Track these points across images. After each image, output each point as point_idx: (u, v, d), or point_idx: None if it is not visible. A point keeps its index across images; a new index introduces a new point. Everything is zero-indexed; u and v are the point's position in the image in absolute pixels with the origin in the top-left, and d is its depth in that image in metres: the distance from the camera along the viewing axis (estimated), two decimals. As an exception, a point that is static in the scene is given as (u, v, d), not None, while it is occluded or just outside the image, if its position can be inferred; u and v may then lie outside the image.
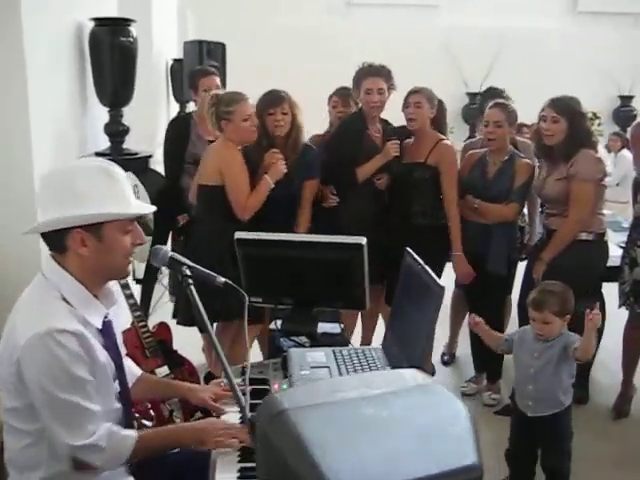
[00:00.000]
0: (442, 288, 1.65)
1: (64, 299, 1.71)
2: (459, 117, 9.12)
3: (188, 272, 1.74)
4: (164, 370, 3.32)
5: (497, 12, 9.01)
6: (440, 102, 3.84)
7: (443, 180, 3.67)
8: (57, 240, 1.72)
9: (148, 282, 4.47)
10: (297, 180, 3.52)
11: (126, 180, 1.79)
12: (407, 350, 1.85)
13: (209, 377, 3.62)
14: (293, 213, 3.56)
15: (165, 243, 3.90)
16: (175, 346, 3.48)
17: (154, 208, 1.85)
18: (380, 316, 4.20)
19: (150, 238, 3.88)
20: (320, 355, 2.00)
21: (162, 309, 4.47)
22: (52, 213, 1.68)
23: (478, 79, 8.93)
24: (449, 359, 4.42)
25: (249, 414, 1.59)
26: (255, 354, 4.01)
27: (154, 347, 3.30)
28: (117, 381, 1.85)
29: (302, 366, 1.92)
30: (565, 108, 3.34)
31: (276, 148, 3.47)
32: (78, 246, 1.70)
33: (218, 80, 4.12)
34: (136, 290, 4.01)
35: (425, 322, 1.71)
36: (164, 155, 4.21)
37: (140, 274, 4.32)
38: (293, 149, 3.49)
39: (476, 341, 3.97)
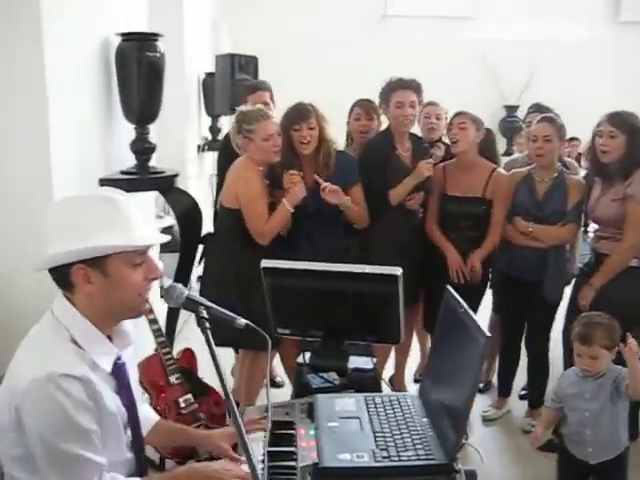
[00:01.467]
0: (488, 338, 1.48)
1: (73, 340, 1.59)
2: (496, 130, 8.90)
3: (205, 314, 1.59)
4: (188, 398, 3.19)
5: (534, 23, 8.79)
6: (489, 130, 3.69)
7: (495, 209, 3.53)
8: (62, 277, 1.60)
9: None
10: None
11: (133, 208, 1.64)
12: (447, 403, 1.68)
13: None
14: (329, 230, 3.41)
15: (192, 264, 3.78)
16: (201, 373, 3.36)
17: (164, 238, 1.69)
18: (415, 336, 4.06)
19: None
20: (350, 403, 1.84)
21: (191, 327, 4.33)
22: (54, 248, 1.57)
23: (515, 91, 8.74)
24: (485, 386, 4.22)
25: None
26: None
27: (178, 375, 3.18)
28: (129, 429, 1.71)
29: (330, 416, 1.76)
30: (624, 123, 3.16)
31: (306, 165, 3.34)
32: (83, 283, 1.58)
33: (268, 96, 3.99)
34: (164, 308, 3.91)
35: (468, 373, 1.54)
36: (217, 172, 4.12)
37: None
38: (325, 165, 3.34)
39: (505, 365, 3.83)
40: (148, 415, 1.96)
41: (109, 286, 1.59)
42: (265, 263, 2.23)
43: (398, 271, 2.07)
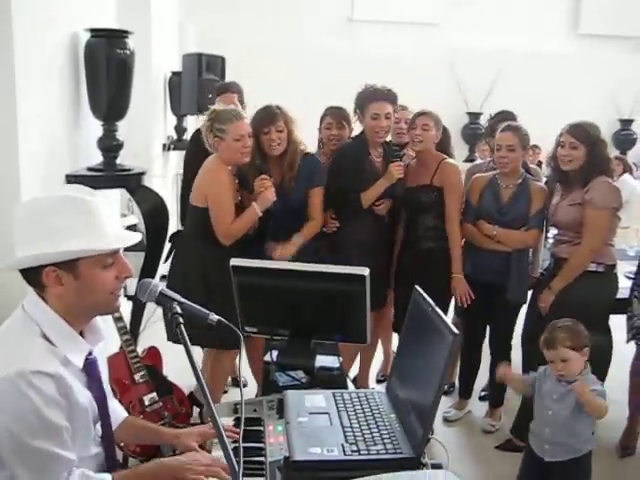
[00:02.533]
0: (456, 335, 1.52)
1: (44, 336, 1.58)
2: (459, 137, 9.04)
3: (178, 309, 1.59)
4: (152, 397, 3.18)
5: (499, 32, 8.94)
6: (445, 128, 3.75)
7: (446, 200, 3.57)
8: (33, 277, 1.59)
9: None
10: (298, 192, 3.42)
11: (104, 209, 1.64)
12: (414, 399, 1.71)
13: (192, 397, 3.50)
14: (293, 227, 3.44)
15: (157, 263, 3.77)
16: (166, 371, 3.35)
17: (135, 239, 1.69)
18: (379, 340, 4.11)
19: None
20: (319, 399, 1.86)
21: (155, 327, 4.30)
22: (24, 250, 1.56)
23: (478, 99, 8.87)
24: (449, 388, 4.29)
25: (235, 459, 1.41)
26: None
27: (143, 373, 3.17)
28: (99, 424, 1.71)
29: (300, 412, 1.78)
30: (585, 135, 3.25)
31: (271, 165, 3.37)
32: (54, 284, 1.58)
33: (236, 98, 3.99)
34: (127, 307, 3.89)
35: (436, 370, 1.58)
36: (183, 167, 4.13)
37: (132, 290, 4.17)
38: (290, 166, 3.38)
39: (466, 367, 3.90)
40: (116, 411, 1.95)
41: (81, 287, 1.59)
42: (234, 262, 2.24)
43: (365, 271, 2.10)
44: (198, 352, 3.66)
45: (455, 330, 1.54)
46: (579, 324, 2.67)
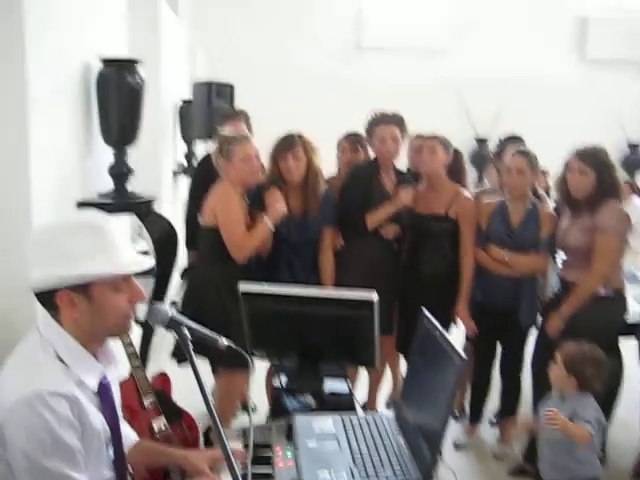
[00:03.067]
0: (464, 360, 1.52)
1: (59, 358, 1.59)
2: (467, 162, 9.06)
3: (188, 334, 1.61)
4: (162, 422, 3.18)
5: (505, 58, 9.03)
6: (457, 152, 3.77)
7: (463, 232, 3.59)
8: (47, 299, 1.61)
9: (150, 324, 4.34)
10: (316, 226, 3.45)
11: (119, 234, 1.67)
12: (423, 423, 1.71)
13: (208, 434, 3.49)
14: (309, 257, 3.49)
15: (166, 289, 3.78)
16: (175, 397, 3.35)
17: (149, 264, 1.71)
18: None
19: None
20: (328, 423, 1.86)
21: (165, 351, 4.30)
22: (39, 272, 1.58)
23: (486, 125, 8.92)
24: (459, 413, 4.26)
25: None
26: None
27: (152, 399, 3.17)
28: (111, 448, 1.72)
29: (308, 436, 1.78)
30: (593, 160, 3.25)
31: (292, 194, 3.41)
32: (67, 307, 1.59)
33: (242, 125, 4.03)
34: (137, 332, 3.90)
35: (444, 395, 1.58)
36: (188, 195, 4.19)
37: (141, 316, 4.19)
38: (314, 194, 3.41)
39: (476, 391, 3.88)
40: (128, 434, 1.96)
41: (94, 310, 1.60)
42: (243, 287, 2.25)
43: (374, 296, 2.11)
44: (208, 378, 3.65)
45: (463, 355, 1.54)
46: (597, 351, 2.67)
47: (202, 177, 3.90)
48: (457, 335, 3.75)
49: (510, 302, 3.53)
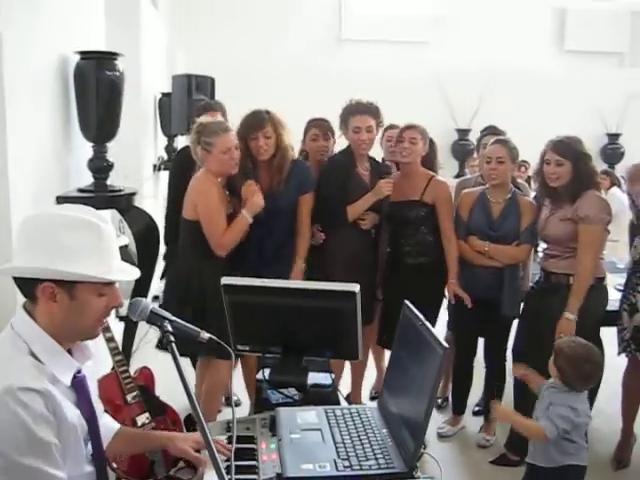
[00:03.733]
0: (445, 349, 1.53)
1: (32, 354, 1.58)
2: (448, 153, 9.11)
3: (170, 327, 1.60)
4: (145, 417, 3.17)
5: (486, 50, 9.04)
6: (431, 141, 3.78)
7: (440, 217, 3.62)
8: (28, 288, 1.60)
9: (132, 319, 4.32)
10: (287, 198, 3.44)
11: (113, 237, 1.66)
12: (406, 413, 1.72)
13: (188, 421, 3.48)
14: (287, 232, 3.50)
15: (149, 283, 3.77)
16: (159, 391, 3.33)
17: (137, 274, 1.71)
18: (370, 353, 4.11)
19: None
20: (311, 416, 1.86)
21: (147, 346, 4.28)
22: (27, 259, 1.57)
23: (467, 115, 8.95)
24: (442, 403, 4.28)
25: (227, 477, 1.40)
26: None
27: (135, 393, 3.16)
28: (89, 443, 1.71)
29: (292, 428, 1.78)
30: (569, 151, 3.27)
31: (260, 169, 3.39)
32: (47, 300, 1.58)
33: (219, 116, 4.01)
34: (120, 327, 3.88)
35: (426, 384, 1.58)
36: (168, 187, 4.15)
37: (124, 311, 4.17)
38: (278, 171, 3.41)
39: (459, 382, 3.90)
40: (108, 425, 1.95)
41: (72, 309, 1.60)
42: (225, 280, 2.24)
43: (356, 287, 2.10)
44: (190, 371, 3.65)
45: (445, 344, 1.55)
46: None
47: (181, 169, 3.87)
48: (438, 326, 3.76)
49: (492, 293, 3.54)
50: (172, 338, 1.58)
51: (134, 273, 1.70)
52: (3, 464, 1.47)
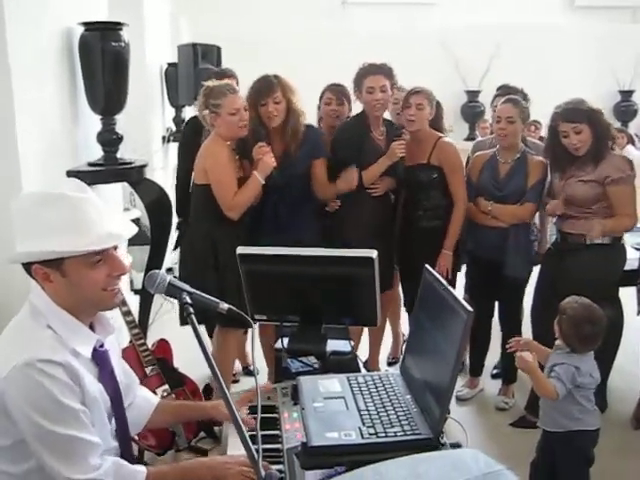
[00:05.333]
0: (470, 312, 1.50)
1: (50, 327, 1.58)
2: (458, 115, 8.99)
3: (188, 299, 1.58)
4: (164, 389, 3.18)
5: (494, 9, 8.89)
6: (438, 104, 3.71)
7: (450, 178, 3.56)
8: (29, 273, 1.60)
9: (147, 292, 4.33)
10: (302, 163, 3.40)
11: (94, 206, 1.60)
12: (430, 379, 1.70)
13: (206, 391, 3.50)
14: (303, 198, 3.45)
15: (163, 255, 3.76)
16: (177, 363, 3.34)
17: (127, 234, 1.67)
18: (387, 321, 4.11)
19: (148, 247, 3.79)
20: (334, 384, 1.85)
21: (163, 318, 4.30)
22: (18, 244, 1.58)
23: (476, 77, 8.81)
24: (461, 366, 4.28)
25: (255, 452, 1.38)
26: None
27: (154, 366, 3.17)
28: (113, 418, 1.70)
29: (315, 397, 1.77)
30: (581, 114, 3.20)
31: (275, 137, 3.35)
32: (43, 281, 1.58)
33: (235, 83, 3.94)
34: (135, 301, 3.88)
35: (451, 349, 1.56)
36: (177, 156, 4.15)
37: (138, 284, 4.17)
38: (294, 136, 3.36)
39: (476, 344, 3.89)
40: (148, 398, 1.96)
41: (70, 285, 1.59)
42: (241, 250, 2.21)
43: (373, 253, 2.06)
44: (207, 342, 3.65)
45: (469, 307, 1.52)
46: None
47: (189, 139, 3.83)
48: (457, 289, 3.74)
49: (499, 254, 3.52)
50: (191, 310, 1.56)
51: (120, 236, 1.65)
52: (37, 432, 1.49)
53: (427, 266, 1.90)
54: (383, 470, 1.07)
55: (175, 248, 3.74)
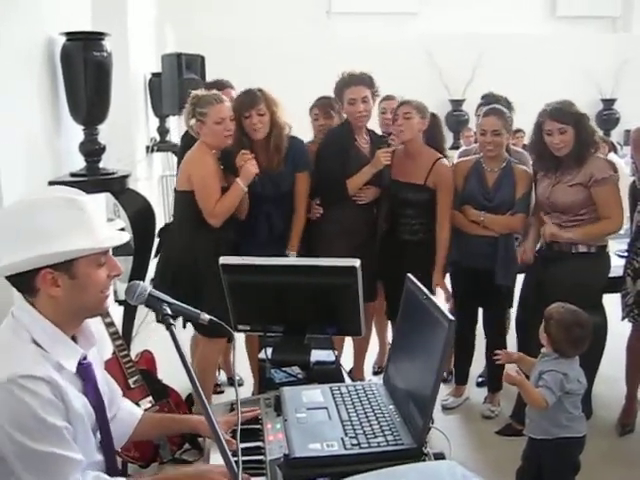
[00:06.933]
0: (451, 321, 1.50)
1: (35, 342, 1.55)
2: (442, 124, 9.01)
3: (169, 310, 1.57)
4: (148, 401, 3.15)
5: (477, 18, 8.96)
6: (434, 115, 3.71)
7: (440, 198, 3.56)
8: (26, 283, 1.56)
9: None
10: (286, 179, 3.41)
11: (94, 208, 1.62)
12: (413, 389, 1.69)
13: (190, 400, 3.47)
14: (286, 209, 3.47)
15: (146, 265, 3.73)
16: (161, 374, 3.32)
17: (127, 238, 1.69)
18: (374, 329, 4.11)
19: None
20: (316, 394, 1.84)
21: (148, 329, 4.26)
22: (15, 254, 1.51)
23: (460, 86, 8.86)
24: (447, 375, 4.27)
25: (233, 459, 1.37)
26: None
27: (137, 377, 3.14)
28: (98, 430, 1.68)
29: (297, 408, 1.76)
30: (568, 116, 3.23)
31: (258, 150, 3.35)
32: (49, 287, 1.55)
33: (233, 93, 3.94)
34: (118, 312, 3.85)
35: (433, 358, 1.55)
36: (177, 167, 4.09)
37: (122, 295, 4.14)
38: (276, 150, 3.36)
39: (460, 352, 3.91)
40: (132, 410, 1.94)
41: (76, 287, 1.57)
42: (224, 260, 2.20)
43: (356, 262, 2.06)
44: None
45: (450, 316, 1.52)
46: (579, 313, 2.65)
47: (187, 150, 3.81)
48: (440, 298, 3.74)
49: (487, 263, 3.52)
50: (172, 321, 1.54)
51: (123, 237, 1.68)
52: (17, 451, 1.46)
53: (409, 275, 1.90)
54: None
55: (156, 255, 3.71)
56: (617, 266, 3.55)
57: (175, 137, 6.37)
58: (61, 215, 1.54)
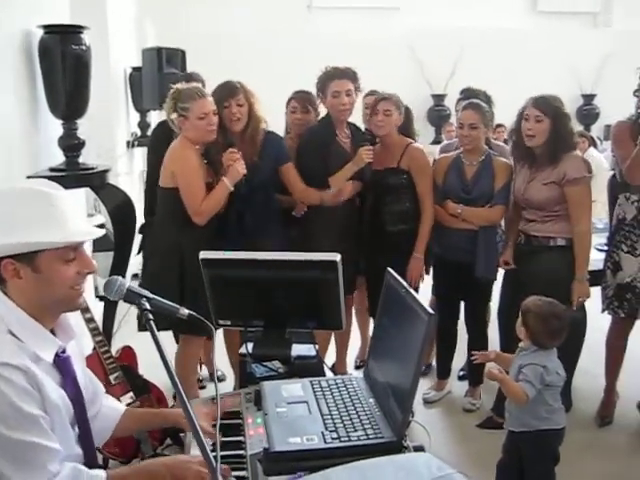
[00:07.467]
0: (430, 315, 1.50)
1: (11, 332, 1.53)
2: (424, 119, 9.05)
3: (147, 305, 1.56)
4: (129, 397, 3.13)
5: (458, 13, 8.98)
6: (407, 109, 3.74)
7: (418, 183, 3.59)
8: None
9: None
10: (265, 170, 3.37)
11: (68, 202, 1.60)
12: (393, 382, 1.70)
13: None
14: (267, 206, 3.43)
15: (127, 261, 3.70)
16: (142, 370, 3.30)
17: (99, 232, 1.66)
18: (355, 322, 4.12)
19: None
20: (297, 388, 1.84)
21: (128, 325, 4.25)
22: None
23: (442, 81, 8.88)
24: (425, 369, 4.29)
25: (212, 454, 1.37)
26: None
27: (118, 373, 3.12)
28: (76, 424, 1.67)
29: (278, 402, 1.76)
30: (549, 108, 3.25)
31: (235, 142, 3.31)
32: (11, 277, 1.54)
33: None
34: (99, 307, 3.83)
35: (413, 352, 1.56)
36: (146, 162, 4.08)
37: (102, 290, 4.11)
38: (252, 141, 3.33)
39: (442, 346, 3.92)
40: (114, 406, 1.93)
41: (40, 281, 1.55)
42: (204, 255, 2.19)
43: (336, 257, 2.06)
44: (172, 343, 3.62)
45: (430, 310, 1.52)
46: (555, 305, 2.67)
47: (159, 143, 3.78)
48: (423, 292, 3.75)
49: (468, 256, 3.54)
50: (150, 316, 1.53)
51: (94, 233, 1.65)
52: None
53: (389, 269, 1.90)
54: (333, 476, 1.06)
55: (139, 252, 3.68)
56: (597, 259, 3.58)
57: (156, 132, 6.33)
58: (28, 207, 1.52)
